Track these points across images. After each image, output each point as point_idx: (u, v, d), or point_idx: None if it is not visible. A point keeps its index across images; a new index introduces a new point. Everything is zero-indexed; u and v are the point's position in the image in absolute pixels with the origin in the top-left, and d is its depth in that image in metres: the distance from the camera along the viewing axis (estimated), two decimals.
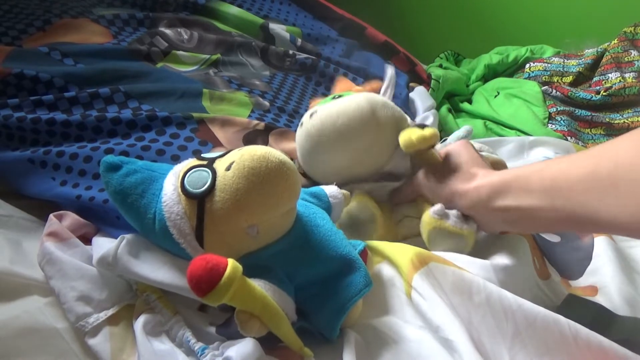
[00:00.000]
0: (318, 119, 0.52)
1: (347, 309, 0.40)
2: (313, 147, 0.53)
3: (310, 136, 0.53)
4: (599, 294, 0.50)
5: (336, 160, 0.53)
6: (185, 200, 0.39)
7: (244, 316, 0.35)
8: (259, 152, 0.39)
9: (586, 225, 0.41)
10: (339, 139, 0.52)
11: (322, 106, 0.53)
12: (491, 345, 0.39)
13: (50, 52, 0.67)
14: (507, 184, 0.44)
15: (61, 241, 0.47)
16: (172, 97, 0.65)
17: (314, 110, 0.53)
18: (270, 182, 0.38)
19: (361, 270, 0.42)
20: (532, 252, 0.51)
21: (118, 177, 0.42)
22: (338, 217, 0.51)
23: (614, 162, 0.37)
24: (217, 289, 0.32)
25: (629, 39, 1.03)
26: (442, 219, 0.47)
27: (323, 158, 0.54)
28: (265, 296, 0.36)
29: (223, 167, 0.39)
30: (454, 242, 0.47)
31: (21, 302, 0.42)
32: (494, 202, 0.44)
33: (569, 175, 0.39)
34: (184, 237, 0.40)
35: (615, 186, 0.36)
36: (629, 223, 0.35)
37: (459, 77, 1.08)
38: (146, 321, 0.41)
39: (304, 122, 0.54)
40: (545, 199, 0.41)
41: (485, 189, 0.45)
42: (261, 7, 1.00)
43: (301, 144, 0.55)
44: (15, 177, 0.55)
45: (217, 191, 0.38)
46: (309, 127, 0.53)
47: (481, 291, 0.40)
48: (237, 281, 0.33)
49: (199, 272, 0.32)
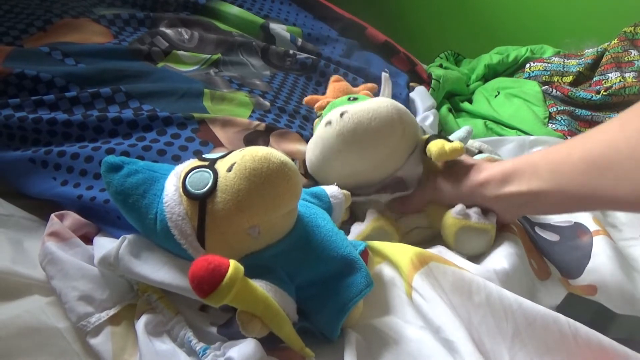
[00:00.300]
0: (352, 119, 0.51)
1: (348, 310, 0.40)
2: (343, 147, 0.52)
3: (343, 135, 0.51)
4: (598, 292, 0.50)
5: (359, 162, 0.53)
6: (186, 201, 0.39)
7: (245, 317, 0.35)
8: (260, 153, 0.39)
9: (591, 204, 0.46)
10: (371, 142, 0.51)
11: (352, 106, 0.52)
12: (491, 344, 0.39)
13: (51, 52, 0.67)
14: (518, 169, 0.47)
15: (62, 241, 0.47)
16: (173, 97, 0.65)
17: (343, 110, 0.52)
18: (271, 183, 0.38)
19: (362, 271, 0.42)
20: (528, 254, 0.51)
21: (119, 177, 0.42)
22: (339, 217, 0.51)
23: (606, 144, 0.41)
24: (219, 289, 0.32)
25: (629, 39, 1.03)
26: (465, 218, 0.49)
27: (347, 159, 0.53)
28: (266, 297, 0.36)
29: (224, 168, 0.39)
30: (481, 238, 0.49)
31: (22, 302, 0.42)
32: (507, 187, 0.47)
33: (570, 159, 0.43)
34: (185, 237, 0.40)
35: (610, 167, 0.40)
36: (628, 199, 0.39)
37: (459, 77, 1.08)
38: (148, 321, 0.41)
39: (332, 122, 0.52)
40: (552, 182, 0.44)
41: (498, 176, 0.48)
42: (261, 7, 1.00)
43: (327, 144, 0.53)
44: (16, 176, 0.56)
45: (219, 192, 0.38)
46: (342, 126, 0.51)
47: (481, 291, 0.40)
48: (239, 282, 0.33)
49: (201, 273, 0.32)
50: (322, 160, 0.54)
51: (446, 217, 0.50)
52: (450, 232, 0.49)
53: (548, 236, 0.56)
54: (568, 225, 0.58)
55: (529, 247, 0.52)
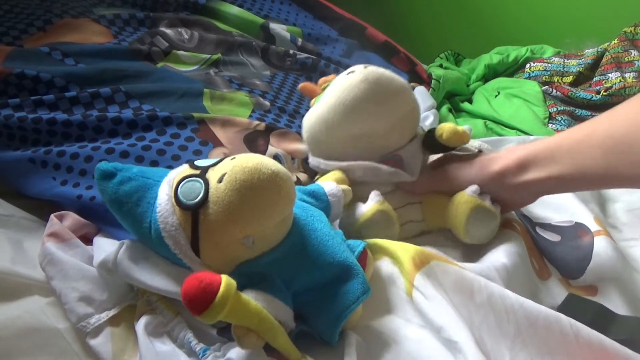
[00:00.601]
0: (376, 71, 0.51)
1: (344, 317, 0.40)
2: (365, 93, 0.50)
3: (367, 81, 0.50)
4: (599, 293, 0.50)
5: (375, 117, 0.51)
6: (179, 211, 0.39)
7: (240, 331, 0.35)
8: (250, 164, 0.38)
9: (611, 183, 0.48)
10: (392, 95, 0.51)
11: (371, 66, 0.53)
12: (492, 344, 0.39)
13: (51, 52, 0.67)
14: (534, 156, 0.46)
15: (62, 242, 0.47)
16: (172, 97, 0.65)
17: (366, 65, 0.53)
18: (263, 194, 0.38)
19: (359, 277, 0.41)
20: (530, 252, 0.51)
21: (113, 185, 0.41)
22: (337, 215, 0.51)
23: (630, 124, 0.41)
24: (211, 307, 0.31)
25: (629, 39, 1.03)
26: (481, 198, 0.48)
27: (365, 109, 0.51)
28: (260, 310, 0.35)
29: (215, 178, 0.38)
30: (492, 222, 0.49)
31: (22, 302, 0.42)
32: (525, 175, 0.47)
33: (590, 140, 0.43)
34: (179, 247, 0.39)
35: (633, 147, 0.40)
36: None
37: (459, 77, 1.08)
38: (148, 322, 0.41)
39: (356, 70, 0.52)
40: (572, 166, 0.44)
41: (515, 164, 0.47)
42: (261, 7, 1.00)
43: (347, 90, 0.51)
44: (16, 176, 0.56)
45: (210, 203, 0.38)
46: (367, 73, 0.51)
47: (483, 290, 0.40)
48: (232, 298, 0.32)
49: (193, 291, 0.31)
50: (335, 111, 0.51)
51: (459, 195, 0.49)
52: (463, 211, 0.48)
53: (549, 236, 0.56)
54: (569, 225, 0.57)
55: (530, 247, 0.52)
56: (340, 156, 0.53)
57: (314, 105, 0.56)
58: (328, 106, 0.52)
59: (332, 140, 0.53)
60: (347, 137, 0.52)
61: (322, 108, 0.53)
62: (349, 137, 0.52)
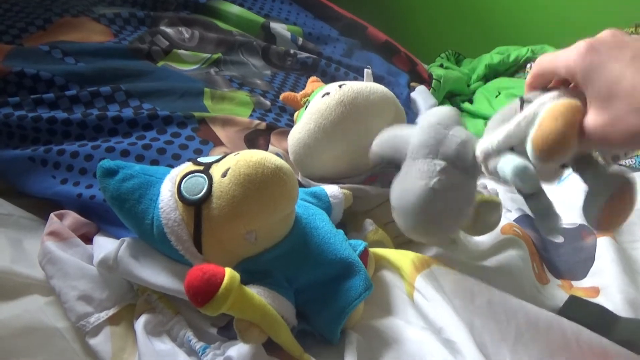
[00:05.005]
0: (352, 89, 0.51)
1: (346, 314, 0.40)
2: (343, 115, 0.51)
3: (343, 103, 0.51)
4: (600, 295, 0.50)
5: (356, 135, 0.51)
6: (182, 206, 0.39)
7: (243, 325, 0.35)
8: (254, 159, 0.38)
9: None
10: (370, 112, 0.51)
11: (348, 82, 0.53)
12: (493, 347, 0.39)
13: (51, 50, 0.67)
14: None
15: (62, 240, 0.46)
16: (173, 96, 0.65)
17: (341, 83, 0.53)
18: (266, 188, 0.38)
19: (361, 274, 0.42)
20: (531, 257, 0.51)
21: (115, 182, 0.41)
22: (338, 217, 0.51)
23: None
24: (214, 299, 0.31)
25: None
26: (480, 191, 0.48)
27: (345, 129, 0.51)
28: (264, 304, 0.35)
29: (219, 173, 0.39)
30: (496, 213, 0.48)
31: (22, 302, 0.42)
32: None
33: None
34: (182, 243, 0.39)
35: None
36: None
37: (459, 76, 1.08)
38: (147, 321, 0.41)
39: (331, 92, 0.52)
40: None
41: None
42: (262, 7, 1.00)
43: (325, 114, 0.51)
44: (16, 175, 0.55)
45: (214, 198, 0.38)
46: (342, 94, 0.51)
47: (483, 294, 0.40)
48: (235, 291, 0.32)
49: (196, 283, 0.31)
50: (315, 137, 0.52)
51: None
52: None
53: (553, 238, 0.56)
54: (572, 227, 0.57)
55: (532, 252, 0.52)
56: (329, 174, 0.53)
57: (296, 124, 0.56)
58: (308, 132, 0.53)
59: (318, 162, 0.54)
60: (332, 158, 0.53)
61: (302, 133, 0.54)
62: (332, 158, 0.53)
